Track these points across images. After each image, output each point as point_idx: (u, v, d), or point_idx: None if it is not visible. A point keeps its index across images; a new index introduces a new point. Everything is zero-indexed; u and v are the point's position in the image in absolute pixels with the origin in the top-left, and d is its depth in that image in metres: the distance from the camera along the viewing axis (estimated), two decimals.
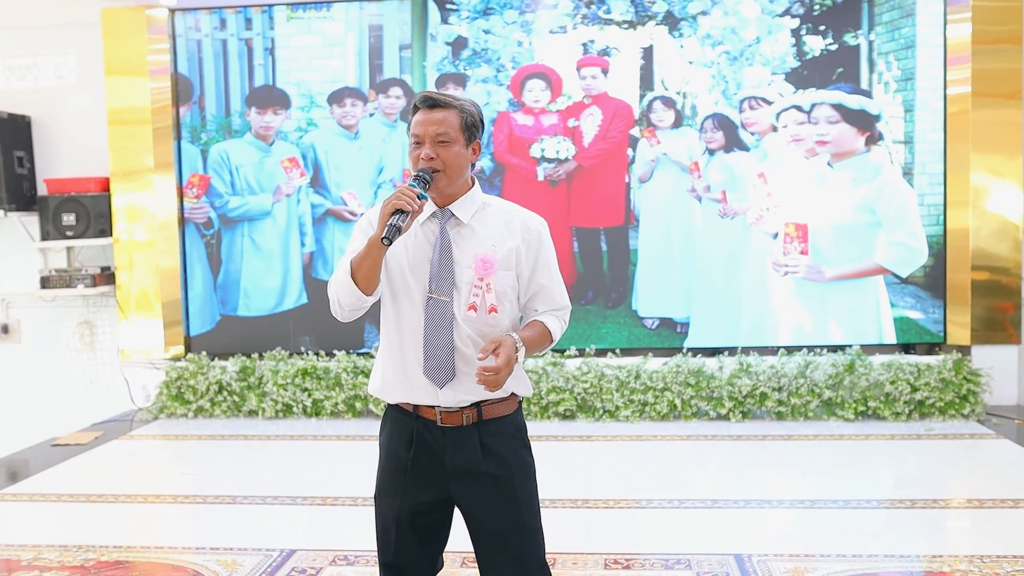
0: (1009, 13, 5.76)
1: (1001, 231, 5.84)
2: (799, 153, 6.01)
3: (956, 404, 5.66)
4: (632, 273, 6.16)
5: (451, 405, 2.29)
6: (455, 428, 2.29)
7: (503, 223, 2.34)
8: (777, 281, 6.05)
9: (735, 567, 3.45)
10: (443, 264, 2.27)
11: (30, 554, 3.76)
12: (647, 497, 4.37)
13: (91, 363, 6.63)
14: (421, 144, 2.26)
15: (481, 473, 2.28)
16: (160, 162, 6.35)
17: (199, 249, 6.42)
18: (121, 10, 6.29)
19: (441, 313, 2.27)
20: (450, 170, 2.26)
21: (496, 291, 2.28)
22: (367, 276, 2.22)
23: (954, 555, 3.57)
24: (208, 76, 6.35)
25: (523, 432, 2.39)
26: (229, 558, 3.67)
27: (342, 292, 2.27)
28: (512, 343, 2.21)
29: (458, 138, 2.27)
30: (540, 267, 2.37)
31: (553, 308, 2.40)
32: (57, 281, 6.34)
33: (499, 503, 2.29)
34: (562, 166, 6.15)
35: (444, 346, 2.26)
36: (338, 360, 6.14)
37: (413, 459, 2.31)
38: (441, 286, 2.27)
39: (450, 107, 2.28)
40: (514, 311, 2.37)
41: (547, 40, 6.16)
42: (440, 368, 2.27)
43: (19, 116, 6.46)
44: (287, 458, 5.32)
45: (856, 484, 4.57)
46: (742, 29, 6.04)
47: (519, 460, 2.33)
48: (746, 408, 5.76)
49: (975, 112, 5.79)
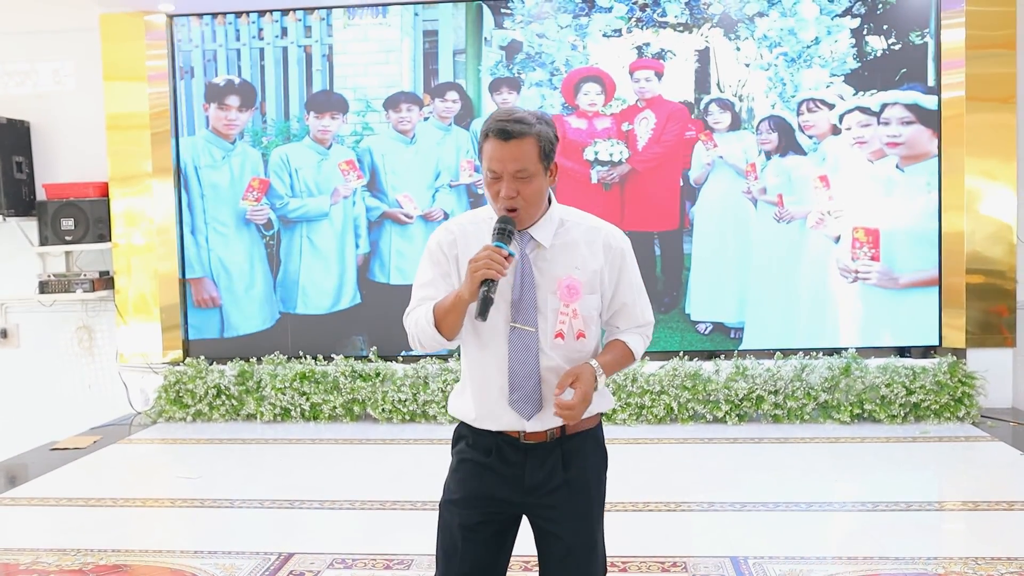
0: (1002, 18, 5.79)
1: (996, 235, 5.87)
2: (863, 156, 5.99)
3: (951, 407, 5.68)
4: (686, 278, 6.17)
5: (537, 430, 2.23)
6: (538, 444, 2.23)
7: (584, 242, 2.24)
8: (837, 285, 6.02)
9: (731, 570, 3.47)
10: (525, 291, 2.18)
11: (28, 558, 3.78)
12: (643, 500, 4.38)
13: (90, 367, 6.65)
14: (499, 179, 2.15)
15: (560, 486, 2.22)
16: (159, 167, 6.37)
17: (259, 249, 6.46)
18: (120, 16, 6.32)
19: (526, 343, 2.19)
20: (531, 206, 2.17)
21: (583, 316, 2.19)
22: (452, 327, 2.16)
23: (949, 557, 3.59)
24: (269, 82, 6.42)
25: (603, 447, 2.35)
26: (227, 562, 3.68)
27: (424, 337, 2.21)
28: (591, 374, 2.15)
29: (538, 170, 2.15)
30: (623, 286, 2.30)
31: (636, 325, 2.34)
32: (56, 286, 6.36)
33: (575, 518, 2.24)
34: (615, 169, 6.16)
35: (530, 376, 2.19)
36: (336, 364, 6.15)
37: (491, 468, 2.23)
38: (524, 314, 2.18)
39: (526, 136, 2.12)
40: (598, 333, 2.31)
41: (601, 43, 6.18)
42: (526, 400, 2.19)
43: (18, 121, 6.47)
44: (285, 462, 5.34)
45: (852, 487, 4.59)
46: (800, 30, 6.02)
47: (597, 475, 2.31)
48: (742, 411, 5.78)
49: (969, 116, 5.82)
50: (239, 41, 6.43)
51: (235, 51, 6.43)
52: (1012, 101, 5.81)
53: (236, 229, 6.45)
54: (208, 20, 6.40)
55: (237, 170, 6.43)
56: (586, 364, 2.17)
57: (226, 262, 6.47)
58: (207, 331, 6.48)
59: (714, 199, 6.16)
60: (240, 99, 6.42)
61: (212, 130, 6.43)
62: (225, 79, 6.42)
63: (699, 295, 6.17)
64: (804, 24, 6.01)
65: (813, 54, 6.02)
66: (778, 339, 6.09)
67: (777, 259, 6.09)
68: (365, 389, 6.02)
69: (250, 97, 6.42)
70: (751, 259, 6.11)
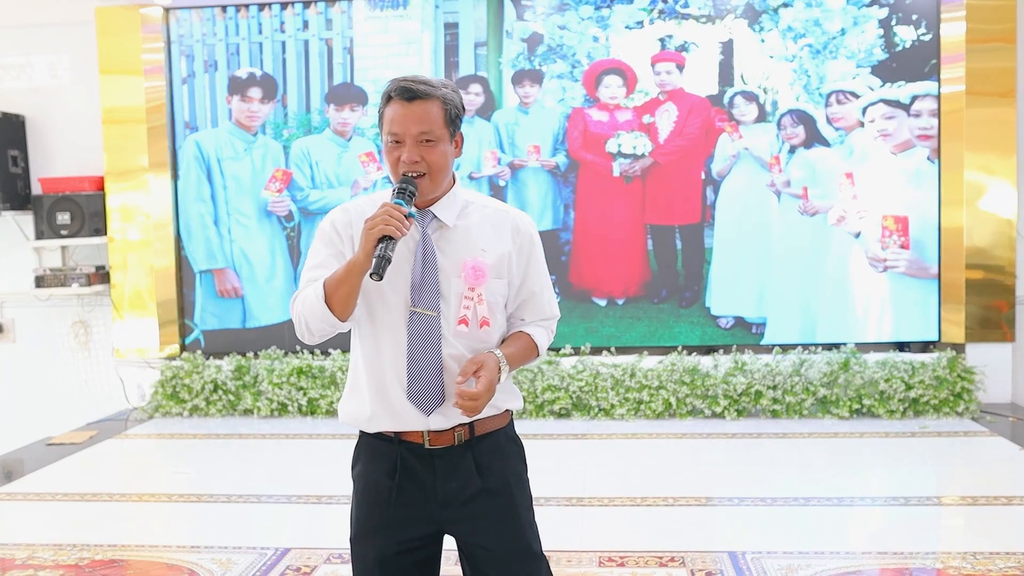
0: (1003, 12, 5.77)
1: (995, 229, 5.86)
2: (886, 148, 5.94)
3: (950, 402, 5.67)
4: (707, 271, 6.13)
5: (442, 427, 2.04)
6: (446, 449, 2.04)
7: (490, 224, 2.10)
8: (861, 278, 5.98)
9: (729, 564, 3.46)
10: (427, 273, 2.01)
11: (24, 553, 3.76)
12: (641, 495, 4.37)
13: (86, 362, 6.63)
14: (401, 144, 1.99)
15: (477, 494, 2.04)
16: (155, 161, 6.35)
17: (280, 241, 6.43)
18: (115, 9, 6.29)
19: (427, 329, 2.01)
20: (435, 173, 2.01)
21: (488, 302, 2.04)
22: (344, 302, 1.96)
23: (948, 552, 3.58)
24: (291, 75, 6.40)
25: (519, 444, 2.18)
26: (224, 556, 3.67)
27: (312, 317, 1.99)
28: (495, 363, 1.99)
29: (443, 134, 2.01)
30: (532, 273, 2.14)
31: (541, 318, 2.18)
32: (52, 280, 6.33)
33: (500, 525, 2.06)
34: (638, 162, 6.11)
35: (431, 366, 2.00)
36: (333, 359, 6.13)
37: (398, 489, 2.04)
38: (425, 298, 2.01)
39: (431, 97, 2.00)
40: (503, 323, 2.14)
41: (623, 35, 6.14)
42: (427, 392, 2.01)
43: (13, 115, 6.45)
44: (282, 457, 5.32)
45: (850, 481, 4.58)
46: (826, 21, 5.95)
47: (517, 476, 2.13)
48: (741, 406, 5.77)
49: (969, 111, 5.80)
50: (238, 35, 6.39)
51: (235, 44, 6.40)
52: (1012, 96, 5.79)
53: (258, 220, 6.43)
54: (209, 13, 6.37)
55: (259, 162, 6.42)
56: (490, 353, 2.01)
57: (248, 253, 6.45)
58: (229, 321, 6.46)
59: (737, 192, 6.11)
60: (262, 91, 6.40)
61: (235, 122, 6.41)
62: (247, 72, 6.39)
63: (720, 289, 6.13)
64: (830, 15, 5.95)
65: (839, 45, 5.96)
66: (800, 334, 6.05)
67: (800, 253, 6.03)
68: None
69: (272, 90, 6.40)
70: (773, 253, 6.06)
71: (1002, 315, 5.89)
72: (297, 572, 3.50)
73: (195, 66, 6.42)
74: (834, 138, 5.98)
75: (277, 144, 6.41)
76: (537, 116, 6.22)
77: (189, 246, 6.45)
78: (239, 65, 6.41)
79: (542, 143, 6.19)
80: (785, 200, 6.04)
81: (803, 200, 6.01)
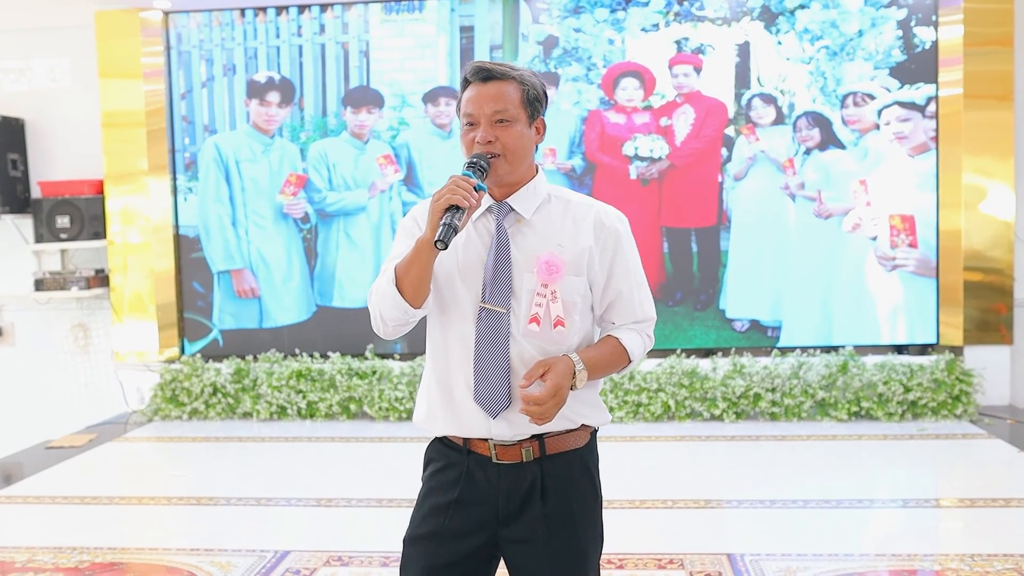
0: (1000, 15, 5.78)
1: (993, 232, 5.87)
2: (902, 151, 5.94)
3: (949, 404, 5.68)
4: (722, 274, 6.13)
5: (507, 438, 1.92)
6: (512, 466, 1.92)
7: (572, 219, 1.96)
8: (876, 281, 5.98)
9: (728, 566, 3.46)
10: (499, 268, 1.90)
11: (24, 556, 3.76)
12: (640, 497, 4.38)
13: (85, 366, 6.63)
14: (475, 125, 1.90)
15: (539, 518, 1.92)
16: (154, 165, 6.36)
17: (297, 243, 6.44)
18: (115, 13, 6.30)
19: (496, 327, 1.89)
20: (511, 155, 1.90)
21: (563, 300, 1.89)
22: (415, 285, 1.87)
23: (946, 554, 3.58)
24: (307, 78, 6.42)
25: (594, 474, 2.03)
26: (223, 559, 3.67)
27: (385, 305, 1.92)
28: (567, 367, 1.85)
29: (520, 115, 1.90)
30: (618, 271, 1.98)
31: (633, 321, 2.01)
32: (51, 283, 6.33)
33: (557, 555, 1.92)
34: (655, 165, 6.12)
35: (498, 367, 1.89)
36: (332, 362, 6.14)
37: (458, 500, 1.94)
38: (496, 294, 1.90)
39: (508, 78, 1.90)
40: (587, 326, 1.99)
41: (639, 38, 6.15)
42: (493, 394, 1.89)
43: (13, 119, 6.45)
44: (281, 460, 5.33)
45: (849, 484, 4.59)
46: (843, 22, 5.94)
47: (585, 507, 1.98)
48: (740, 409, 5.77)
49: (967, 114, 5.82)
50: (256, 39, 6.39)
51: (253, 48, 6.40)
52: (1010, 99, 5.81)
53: (274, 222, 6.44)
54: (206, 16, 6.38)
55: (276, 164, 6.43)
56: (563, 356, 1.89)
57: (265, 254, 6.46)
58: (246, 321, 6.47)
59: (753, 194, 6.11)
60: (280, 95, 6.41)
61: (252, 125, 6.42)
62: (266, 75, 6.41)
63: (736, 292, 6.13)
64: (847, 16, 5.93)
65: (856, 47, 5.95)
66: (816, 336, 6.05)
67: (815, 256, 6.04)
68: (362, 387, 6.01)
69: (289, 93, 6.42)
70: (788, 256, 6.06)
71: (1000, 318, 5.90)
72: (297, 575, 3.50)
73: (214, 70, 6.44)
74: (850, 140, 5.98)
75: (294, 146, 6.42)
76: (552, 119, 6.22)
77: (208, 247, 6.46)
78: (257, 69, 6.42)
79: (558, 146, 6.19)
80: (800, 203, 6.05)
81: (817, 203, 6.02)
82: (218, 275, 6.47)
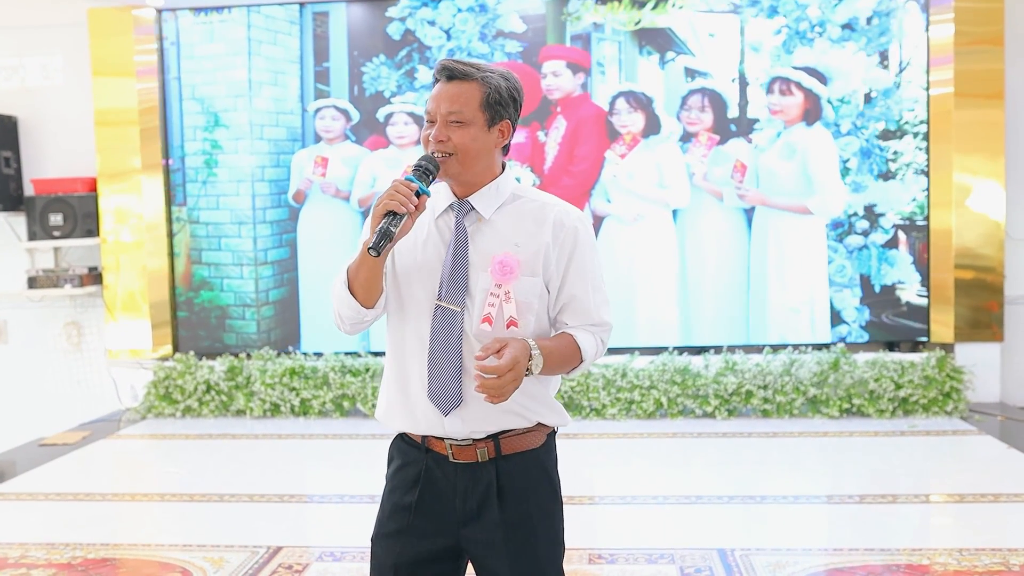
0: (991, 14, 5.80)
1: (984, 230, 5.89)
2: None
3: (939, 401, 5.70)
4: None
5: (461, 436, 1.93)
6: (469, 465, 1.93)
7: (532, 218, 1.95)
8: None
9: (718, 561, 3.48)
10: (456, 266, 1.90)
11: (17, 552, 3.77)
12: (632, 493, 4.40)
13: (78, 363, 6.63)
14: (434, 123, 1.90)
15: (496, 523, 1.92)
16: (147, 163, 6.35)
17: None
18: (108, 10, 6.29)
19: (450, 325, 1.89)
20: (463, 155, 1.89)
21: (517, 301, 1.88)
22: (365, 287, 1.89)
23: (935, 548, 3.61)
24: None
25: (551, 472, 2.00)
26: (216, 555, 3.68)
27: (341, 304, 1.93)
28: (525, 346, 1.81)
29: (476, 117, 1.89)
30: (573, 273, 1.95)
31: (589, 323, 1.97)
32: (44, 281, 6.33)
33: (516, 557, 1.92)
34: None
35: (451, 365, 1.89)
36: (326, 359, 6.15)
37: (418, 499, 1.96)
38: (451, 292, 1.90)
39: (471, 79, 1.89)
40: (542, 327, 1.96)
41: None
42: (444, 391, 1.90)
43: (6, 117, 6.45)
44: (275, 457, 5.34)
45: (839, 480, 4.62)
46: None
47: (542, 507, 1.97)
48: (732, 406, 5.79)
49: (957, 113, 5.84)
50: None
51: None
52: (1000, 97, 5.83)
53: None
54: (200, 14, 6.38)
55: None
56: (521, 339, 1.84)
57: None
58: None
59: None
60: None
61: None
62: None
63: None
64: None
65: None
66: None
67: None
68: (355, 384, 6.01)
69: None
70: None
71: (991, 315, 5.93)
72: (289, 570, 3.51)
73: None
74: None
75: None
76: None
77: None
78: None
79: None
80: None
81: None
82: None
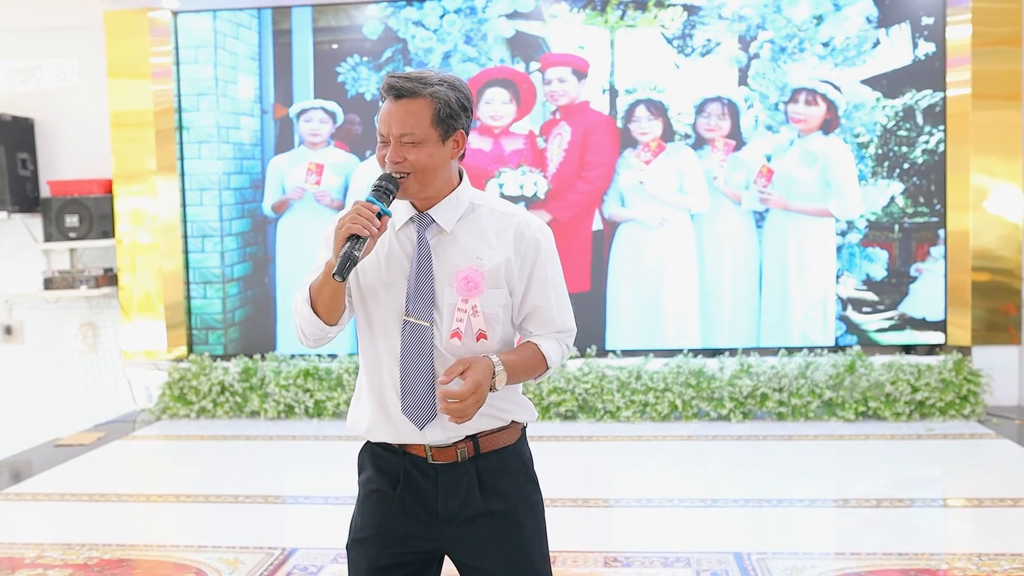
0: (1009, 15, 5.76)
1: (1002, 232, 5.85)
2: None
3: (956, 404, 5.66)
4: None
5: (441, 442, 1.95)
6: (449, 465, 1.95)
7: (493, 229, 1.95)
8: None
9: (734, 565, 3.46)
10: (421, 281, 1.91)
11: (33, 552, 3.78)
12: (647, 496, 4.38)
13: (94, 364, 6.65)
14: (387, 143, 1.89)
15: (479, 515, 1.94)
16: (163, 165, 6.37)
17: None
18: (124, 12, 6.32)
19: (420, 340, 1.90)
20: (422, 174, 1.88)
21: (485, 314, 1.91)
22: (328, 306, 1.90)
23: (952, 553, 3.58)
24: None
25: (528, 465, 2.04)
26: (231, 556, 3.68)
27: (303, 320, 1.94)
28: (487, 366, 1.85)
29: (429, 135, 1.87)
30: (536, 283, 1.97)
31: (552, 331, 2.01)
32: (60, 282, 6.36)
33: (503, 548, 1.95)
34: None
35: (423, 380, 1.90)
36: (340, 361, 6.15)
37: (399, 500, 1.96)
38: (419, 307, 1.90)
39: (418, 96, 1.85)
40: (508, 333, 2.00)
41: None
42: (419, 405, 1.91)
43: (22, 118, 6.48)
44: (289, 458, 5.34)
45: (856, 484, 4.58)
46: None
47: (524, 498, 2.00)
48: (747, 409, 5.77)
49: (975, 114, 5.80)
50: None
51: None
52: (1018, 98, 5.78)
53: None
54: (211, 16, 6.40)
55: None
56: (483, 356, 1.87)
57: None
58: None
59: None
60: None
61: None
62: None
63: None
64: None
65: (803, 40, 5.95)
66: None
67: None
68: None
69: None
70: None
71: (1009, 318, 5.88)
72: (304, 572, 3.51)
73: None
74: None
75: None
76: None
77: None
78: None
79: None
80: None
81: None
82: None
